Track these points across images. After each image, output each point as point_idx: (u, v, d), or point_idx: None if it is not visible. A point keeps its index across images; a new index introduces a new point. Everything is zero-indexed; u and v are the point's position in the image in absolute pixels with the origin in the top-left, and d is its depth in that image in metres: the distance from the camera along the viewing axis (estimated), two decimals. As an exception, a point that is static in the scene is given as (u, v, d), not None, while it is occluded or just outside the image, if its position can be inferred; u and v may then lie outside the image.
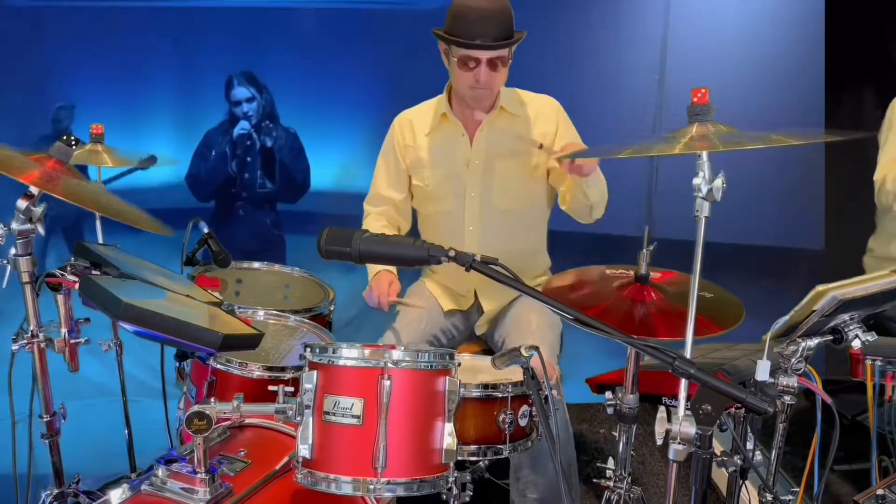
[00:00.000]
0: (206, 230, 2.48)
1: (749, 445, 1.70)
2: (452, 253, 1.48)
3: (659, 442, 1.45)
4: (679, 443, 1.43)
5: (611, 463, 1.82)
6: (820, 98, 3.85)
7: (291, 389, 1.55)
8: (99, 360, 2.44)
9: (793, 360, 1.56)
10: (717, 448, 1.43)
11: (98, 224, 2.54)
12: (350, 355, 1.51)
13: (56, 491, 1.94)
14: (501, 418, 1.74)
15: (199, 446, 1.52)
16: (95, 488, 2.12)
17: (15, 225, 1.72)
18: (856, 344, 1.58)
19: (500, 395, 1.74)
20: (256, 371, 1.96)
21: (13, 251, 1.76)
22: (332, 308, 2.55)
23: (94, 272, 1.78)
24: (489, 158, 2.40)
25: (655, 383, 1.86)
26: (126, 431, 2.48)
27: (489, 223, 2.44)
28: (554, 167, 2.42)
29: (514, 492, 2.30)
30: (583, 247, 3.24)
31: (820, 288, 1.51)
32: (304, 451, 1.50)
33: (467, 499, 1.89)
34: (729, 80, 3.66)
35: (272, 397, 1.54)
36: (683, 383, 1.46)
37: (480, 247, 2.39)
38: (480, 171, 2.41)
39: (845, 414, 2.59)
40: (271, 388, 1.57)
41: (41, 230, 1.75)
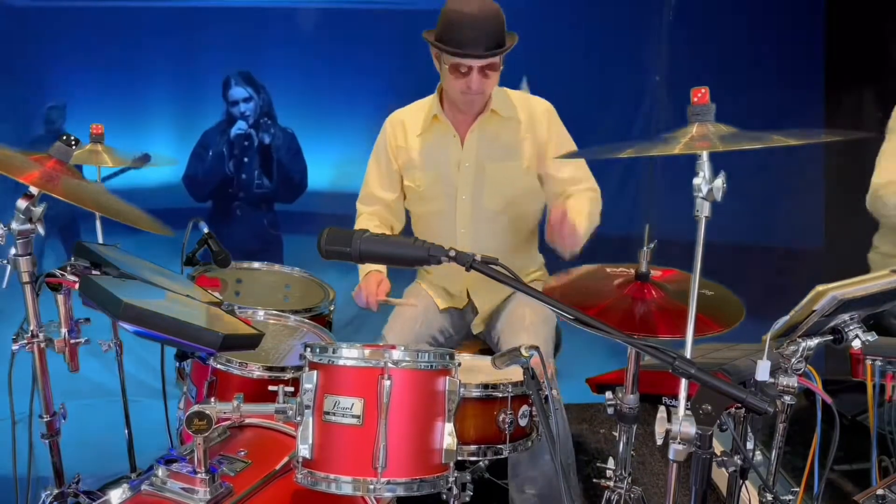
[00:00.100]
0: (206, 230, 2.49)
1: (749, 445, 1.70)
2: (453, 253, 1.48)
3: (659, 442, 1.45)
4: (679, 443, 1.42)
5: (611, 463, 1.82)
6: (820, 98, 3.85)
7: (291, 389, 1.55)
8: (99, 360, 2.45)
9: (793, 360, 1.56)
10: (717, 448, 1.43)
11: (98, 224, 2.54)
12: (350, 355, 1.51)
13: (56, 491, 1.94)
14: (501, 418, 1.74)
15: (199, 446, 1.52)
16: (95, 488, 2.12)
17: (15, 225, 1.72)
18: (856, 344, 1.58)
19: (500, 395, 1.74)
20: (256, 371, 1.97)
21: (13, 251, 1.76)
22: (332, 308, 2.55)
23: (94, 272, 1.78)
24: (480, 161, 2.40)
25: (655, 383, 1.86)
26: (126, 431, 2.48)
27: (481, 225, 2.44)
28: (547, 174, 2.42)
29: (513, 488, 2.30)
30: (583, 246, 3.24)
31: (820, 288, 1.51)
32: (304, 451, 1.50)
33: (467, 499, 1.89)
34: (729, 80, 3.65)
35: (272, 397, 1.55)
36: (683, 383, 1.45)
37: (472, 248, 2.39)
38: (472, 174, 2.41)
39: (845, 414, 2.58)
40: (271, 388, 1.57)
41: (41, 230, 1.75)
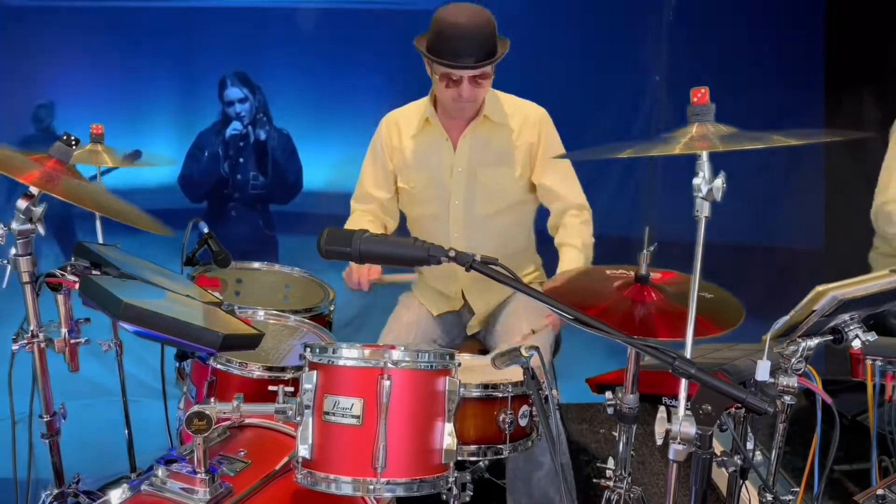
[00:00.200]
0: (206, 230, 2.48)
1: (749, 445, 1.70)
2: (452, 253, 1.48)
3: (659, 442, 1.45)
4: (679, 443, 1.42)
5: (611, 463, 1.82)
6: (820, 98, 3.85)
7: (291, 389, 1.55)
8: (99, 360, 2.44)
9: (793, 360, 1.56)
10: (717, 448, 1.43)
11: (98, 224, 2.54)
12: (350, 355, 1.51)
13: (56, 491, 1.94)
14: (501, 418, 1.74)
15: (199, 446, 1.52)
16: (95, 488, 2.12)
17: (15, 225, 1.72)
18: (856, 344, 1.58)
19: (500, 395, 1.74)
20: (256, 371, 1.96)
21: (13, 251, 1.76)
22: (332, 308, 2.55)
23: (94, 272, 1.78)
24: (472, 166, 2.40)
25: (655, 383, 1.85)
26: (126, 431, 2.47)
27: (474, 229, 2.45)
28: (539, 181, 2.42)
29: (510, 497, 2.31)
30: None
31: (820, 288, 1.51)
32: (304, 452, 1.50)
33: (467, 499, 1.89)
34: (729, 80, 3.65)
35: (272, 397, 1.54)
36: (683, 383, 1.45)
37: (467, 251, 2.39)
38: (464, 178, 2.41)
39: (845, 414, 2.58)
40: (271, 388, 1.57)
41: (41, 230, 1.75)
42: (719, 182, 1.40)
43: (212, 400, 1.54)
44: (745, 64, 3.80)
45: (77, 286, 1.72)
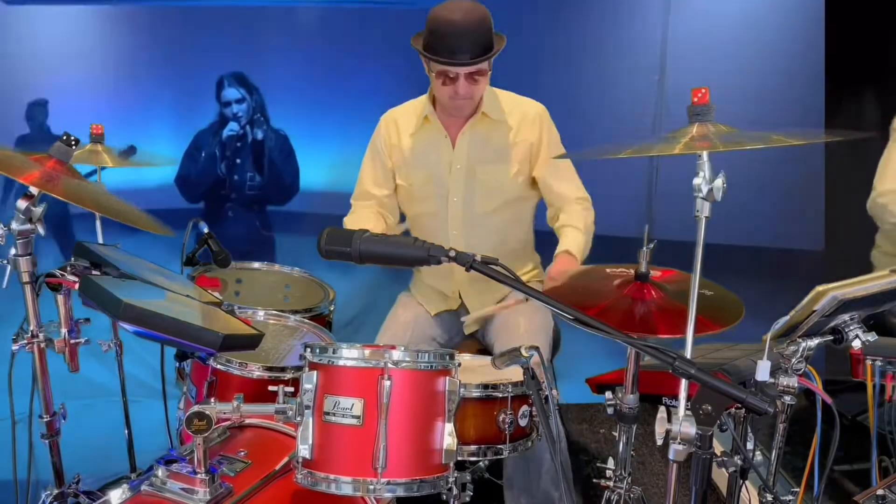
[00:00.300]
0: (206, 230, 2.49)
1: (749, 445, 1.70)
2: (453, 253, 1.48)
3: (659, 442, 1.45)
4: (679, 443, 1.43)
5: (611, 463, 1.82)
6: (820, 98, 3.85)
7: (291, 389, 1.55)
8: (99, 360, 2.44)
9: (793, 360, 1.56)
10: (717, 448, 1.43)
11: (98, 224, 2.54)
12: (350, 355, 1.51)
13: (56, 491, 1.94)
14: (501, 418, 1.74)
15: (199, 446, 1.52)
16: (95, 488, 2.12)
17: (15, 225, 1.72)
18: (856, 344, 1.58)
19: (500, 395, 1.74)
20: (256, 371, 1.96)
21: (13, 251, 1.76)
22: (332, 308, 2.55)
23: (94, 272, 1.78)
24: (471, 163, 2.40)
25: (655, 383, 1.86)
26: (126, 431, 2.48)
27: (473, 227, 2.45)
28: (540, 177, 2.42)
29: (509, 499, 2.31)
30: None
31: (820, 288, 1.51)
32: (304, 452, 1.50)
33: (467, 499, 1.89)
34: (729, 80, 3.65)
35: (272, 397, 1.54)
36: (683, 383, 1.46)
37: (465, 249, 2.39)
38: (462, 176, 2.41)
39: (845, 414, 2.59)
40: (271, 389, 1.57)
41: (41, 230, 1.75)
42: (719, 182, 1.40)
43: (212, 400, 1.54)
44: (745, 64, 3.79)
45: (77, 286, 1.72)
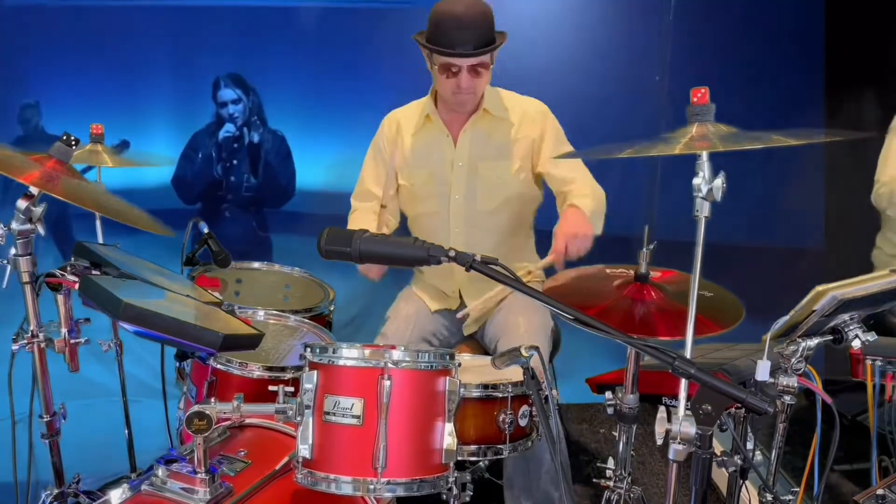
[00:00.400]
0: (206, 230, 2.49)
1: (749, 445, 1.70)
2: (452, 253, 1.48)
3: (659, 442, 1.45)
4: (679, 443, 1.43)
5: (611, 463, 1.82)
6: (820, 98, 3.85)
7: (291, 389, 1.55)
8: (99, 360, 2.44)
9: (793, 360, 1.56)
10: (717, 448, 1.43)
11: (98, 224, 2.54)
12: (350, 355, 1.51)
13: (56, 491, 1.94)
14: (501, 418, 1.74)
15: (199, 446, 1.52)
16: (95, 488, 2.12)
17: (15, 225, 1.72)
18: (856, 344, 1.58)
19: (500, 395, 1.74)
20: (256, 371, 1.96)
21: (13, 251, 1.76)
22: (332, 308, 2.55)
23: (94, 272, 1.78)
24: (473, 160, 2.41)
25: (655, 383, 1.86)
26: (126, 431, 2.48)
27: (474, 225, 2.45)
28: (546, 173, 2.42)
29: (509, 499, 2.31)
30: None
31: (820, 288, 1.51)
32: (305, 451, 1.50)
33: (467, 499, 1.89)
34: (729, 80, 3.65)
35: (272, 397, 1.54)
36: (683, 383, 1.46)
37: (466, 248, 2.39)
38: (464, 173, 2.41)
39: (845, 414, 2.59)
40: (271, 388, 1.57)
41: (41, 230, 1.75)
42: (719, 182, 1.40)
43: (212, 400, 1.54)
44: (745, 64, 3.79)
45: (77, 286, 1.72)
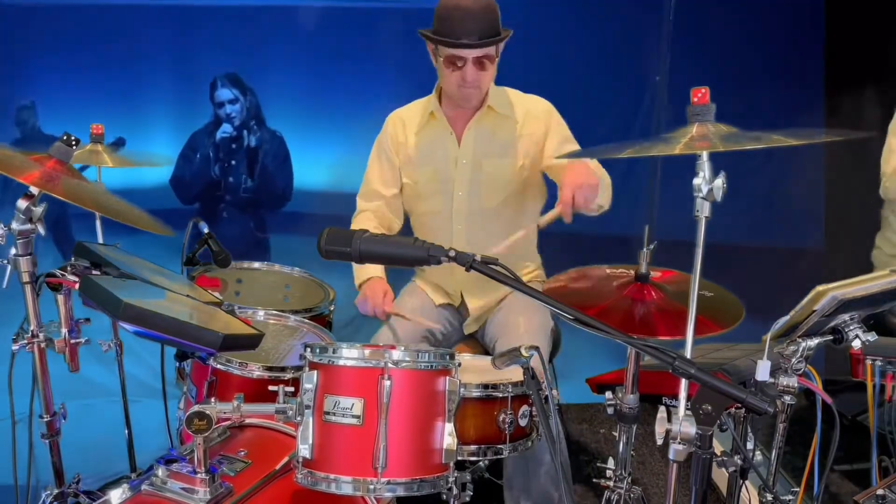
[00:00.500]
0: (207, 230, 2.49)
1: (749, 445, 1.70)
2: (453, 253, 1.48)
3: (659, 442, 1.45)
4: (679, 443, 1.43)
5: (611, 463, 1.82)
6: (820, 98, 3.85)
7: (291, 389, 1.55)
8: (99, 360, 2.44)
9: (793, 360, 1.56)
10: (717, 448, 1.43)
11: (98, 224, 2.54)
12: (350, 355, 1.51)
13: (56, 491, 1.94)
14: (501, 418, 1.74)
15: (200, 446, 1.52)
16: (95, 488, 2.12)
17: (15, 225, 1.72)
18: (856, 344, 1.58)
19: (500, 395, 1.74)
20: (256, 371, 1.97)
21: (13, 251, 1.76)
22: (332, 308, 2.55)
23: (94, 272, 1.78)
24: (477, 157, 2.41)
25: (655, 383, 1.86)
26: (126, 431, 2.47)
27: (477, 222, 2.45)
28: (551, 165, 2.42)
29: (508, 499, 2.31)
30: (583, 247, 3.24)
31: (820, 288, 1.51)
32: (305, 451, 1.50)
33: (467, 499, 1.89)
34: (729, 80, 3.65)
35: (272, 397, 1.54)
36: (683, 383, 1.46)
37: (468, 245, 2.40)
38: (468, 170, 2.42)
39: (845, 414, 2.59)
40: (271, 388, 1.57)
41: (41, 230, 1.75)
42: (719, 182, 1.40)
43: (212, 400, 1.54)
44: (745, 64, 3.79)
45: (77, 286, 1.72)
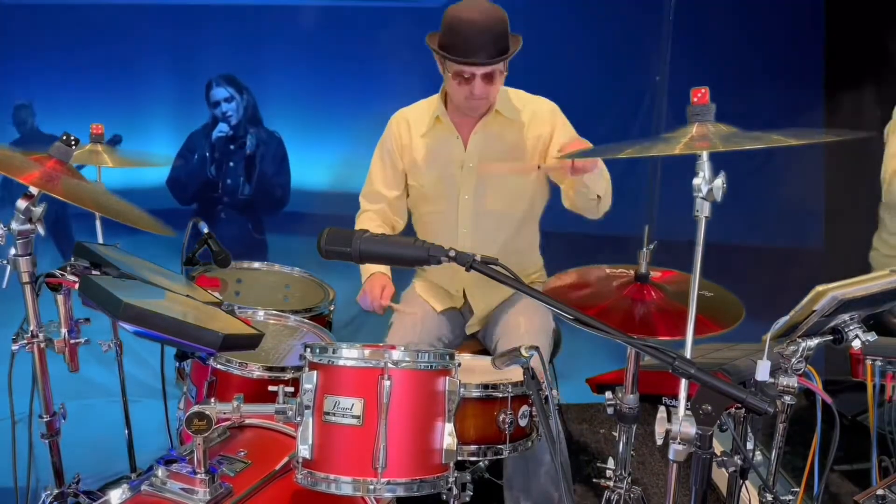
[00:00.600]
0: (206, 230, 2.49)
1: (749, 445, 1.70)
2: (453, 253, 1.48)
3: (659, 442, 1.45)
4: (679, 443, 1.43)
5: (611, 463, 1.82)
6: (820, 98, 3.85)
7: (291, 389, 1.55)
8: (99, 360, 2.44)
9: (793, 360, 1.56)
10: (717, 448, 1.43)
11: (98, 224, 2.54)
12: (350, 355, 1.51)
13: (56, 491, 1.94)
14: (501, 418, 1.74)
15: (199, 446, 1.52)
16: (95, 488, 2.12)
17: (15, 225, 1.72)
18: (856, 344, 1.58)
19: (500, 395, 1.74)
20: (256, 371, 1.97)
21: (13, 251, 1.76)
22: (332, 308, 2.55)
23: (94, 272, 1.78)
24: (483, 161, 2.40)
25: (655, 383, 1.86)
26: (126, 431, 2.48)
27: (482, 224, 2.44)
28: (554, 166, 2.41)
29: (508, 499, 2.31)
30: (583, 247, 3.24)
31: (820, 288, 1.51)
32: (304, 452, 1.50)
33: (467, 499, 1.89)
34: (729, 80, 3.65)
35: (272, 397, 1.55)
36: (683, 383, 1.46)
37: (473, 247, 2.40)
38: (474, 174, 2.41)
39: (845, 414, 2.59)
40: (271, 389, 1.57)
41: (41, 230, 1.75)
42: (719, 182, 1.40)
43: (212, 400, 1.54)
44: (745, 64, 3.79)
45: (77, 286, 1.72)
